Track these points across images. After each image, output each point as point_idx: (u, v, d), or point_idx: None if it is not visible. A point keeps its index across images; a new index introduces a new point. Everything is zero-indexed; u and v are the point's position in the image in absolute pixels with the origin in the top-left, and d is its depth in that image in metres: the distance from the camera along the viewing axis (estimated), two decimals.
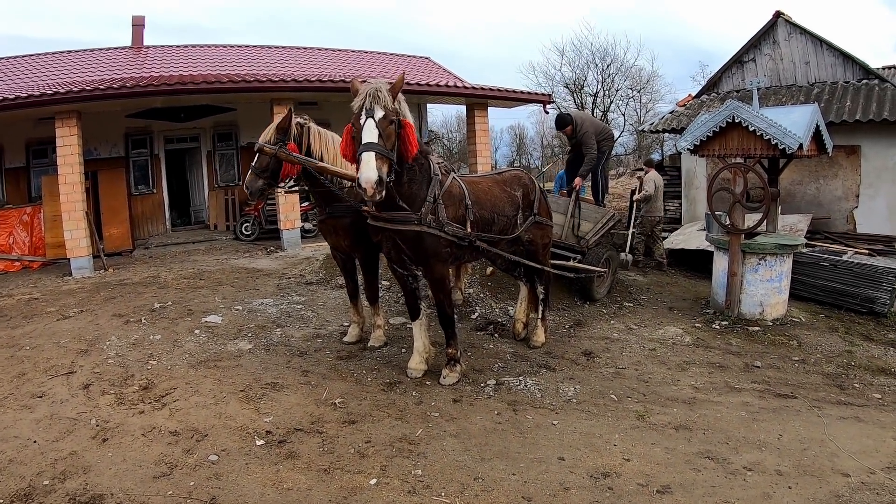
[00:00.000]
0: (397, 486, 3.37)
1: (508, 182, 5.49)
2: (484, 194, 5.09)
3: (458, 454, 3.74)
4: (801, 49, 11.03)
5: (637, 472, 3.55)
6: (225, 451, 3.75)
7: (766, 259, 6.71)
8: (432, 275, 4.74)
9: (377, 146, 3.88)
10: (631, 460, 3.70)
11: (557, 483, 3.41)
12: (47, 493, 3.28)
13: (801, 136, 6.07)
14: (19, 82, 11.65)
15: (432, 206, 4.46)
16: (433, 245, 4.52)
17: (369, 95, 3.96)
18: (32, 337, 6.04)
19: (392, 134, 4.03)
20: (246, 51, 15.78)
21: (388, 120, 3.98)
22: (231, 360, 5.36)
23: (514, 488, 3.35)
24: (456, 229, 4.60)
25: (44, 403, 4.46)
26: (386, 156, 3.94)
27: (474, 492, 3.31)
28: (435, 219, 4.47)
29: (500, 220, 5.16)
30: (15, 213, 10.54)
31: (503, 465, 3.62)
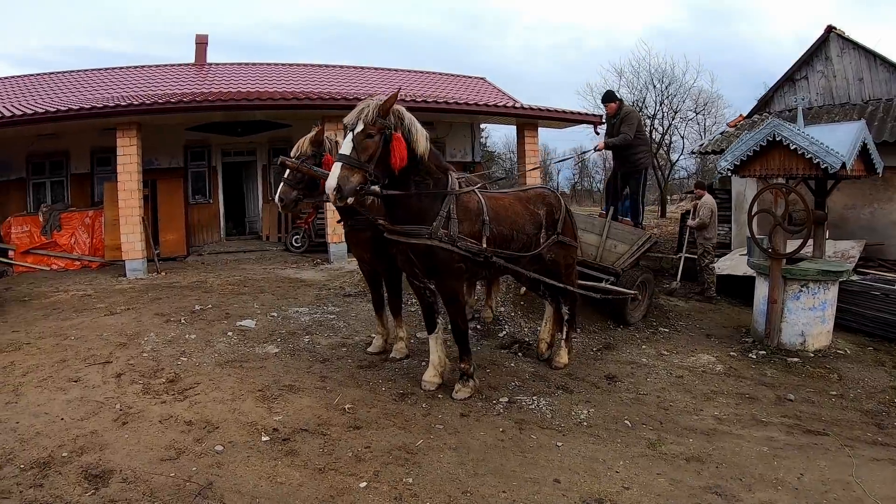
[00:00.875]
0: (385, 491, 3.42)
1: (532, 200, 5.47)
2: (504, 210, 5.07)
3: (453, 467, 3.75)
4: (854, 65, 10.52)
5: (633, 502, 3.44)
6: (231, 444, 3.94)
7: (809, 286, 6.37)
8: (443, 289, 4.80)
9: (347, 157, 4.03)
10: (630, 489, 3.58)
11: None
12: (64, 464, 3.57)
13: (843, 154, 5.79)
14: (87, 94, 12.62)
15: (445, 220, 4.51)
16: (444, 259, 4.55)
17: (357, 111, 4.13)
18: (79, 329, 6.53)
19: (370, 147, 4.11)
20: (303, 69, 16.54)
21: (365, 133, 4.09)
22: (256, 361, 5.61)
23: (431, 492, 3.37)
24: (469, 244, 4.61)
25: (77, 387, 4.83)
26: (356, 166, 4.04)
27: (414, 494, 3.35)
28: (447, 233, 4.50)
29: (519, 237, 5.12)
30: (78, 215, 11.40)
31: (495, 481, 3.59)
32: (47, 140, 11.91)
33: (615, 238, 7.18)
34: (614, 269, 6.97)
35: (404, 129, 4.30)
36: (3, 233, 11.26)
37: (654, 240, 7.46)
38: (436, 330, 5.07)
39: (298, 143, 5.25)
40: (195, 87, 13.71)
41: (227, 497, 3.31)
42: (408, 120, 4.37)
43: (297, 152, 5.15)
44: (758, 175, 6.72)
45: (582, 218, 7.44)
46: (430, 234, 4.45)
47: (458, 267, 4.67)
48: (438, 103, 12.35)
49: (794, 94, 10.94)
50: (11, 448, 3.77)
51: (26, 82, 14.40)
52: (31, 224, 11.27)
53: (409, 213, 4.51)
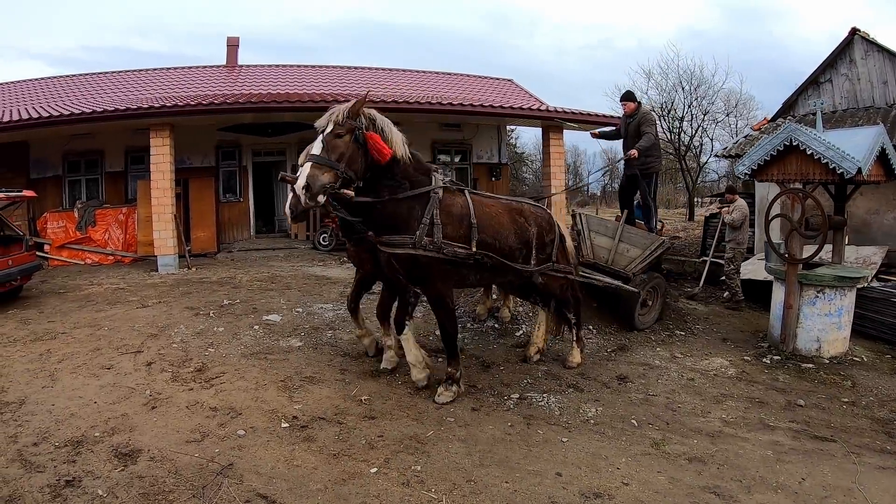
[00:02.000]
0: (394, 477, 3.60)
1: (524, 214, 5.36)
2: (488, 218, 4.97)
3: (460, 457, 3.91)
4: (878, 68, 10.29)
5: (631, 498, 3.52)
6: (252, 429, 4.17)
7: (825, 292, 6.34)
8: (429, 293, 4.80)
9: (316, 156, 4.09)
10: (630, 485, 3.67)
11: (546, 496, 3.47)
12: (95, 443, 3.87)
13: (859, 159, 5.76)
14: (122, 95, 13.09)
15: (429, 227, 4.47)
16: (427, 265, 4.53)
17: (328, 114, 4.22)
18: (112, 320, 6.87)
19: (341, 146, 4.13)
20: (332, 70, 16.87)
21: (334, 133, 4.13)
22: (280, 354, 5.85)
23: (502, 495, 3.46)
24: (457, 249, 4.57)
25: (110, 374, 5.15)
26: (327, 165, 4.07)
27: (463, 493, 3.47)
28: (431, 241, 4.46)
29: (502, 248, 4.99)
30: (112, 212, 11.88)
31: (499, 472, 3.73)
32: (82, 139, 12.43)
33: (628, 242, 7.17)
34: (625, 273, 6.96)
35: (377, 129, 4.33)
36: (40, 228, 11.79)
37: (667, 245, 7.37)
38: (405, 331, 5.01)
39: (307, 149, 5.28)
40: (226, 88, 14.12)
41: (246, 477, 3.53)
42: (380, 121, 4.40)
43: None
44: (775, 179, 6.68)
45: (595, 221, 7.51)
46: (414, 243, 4.42)
47: (443, 270, 4.65)
48: (464, 106, 12.50)
49: (818, 97, 10.78)
50: (47, 427, 4.09)
51: (62, 83, 15.06)
52: (67, 220, 11.78)
53: (387, 219, 4.49)
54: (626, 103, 7.68)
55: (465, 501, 3.40)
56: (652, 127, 7.42)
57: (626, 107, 7.67)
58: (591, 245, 7.22)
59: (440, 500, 3.39)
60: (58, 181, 13.13)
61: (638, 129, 7.43)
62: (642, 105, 7.67)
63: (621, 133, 7.90)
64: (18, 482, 3.38)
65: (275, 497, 3.34)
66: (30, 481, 3.39)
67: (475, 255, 4.68)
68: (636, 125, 7.48)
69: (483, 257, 4.74)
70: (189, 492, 3.35)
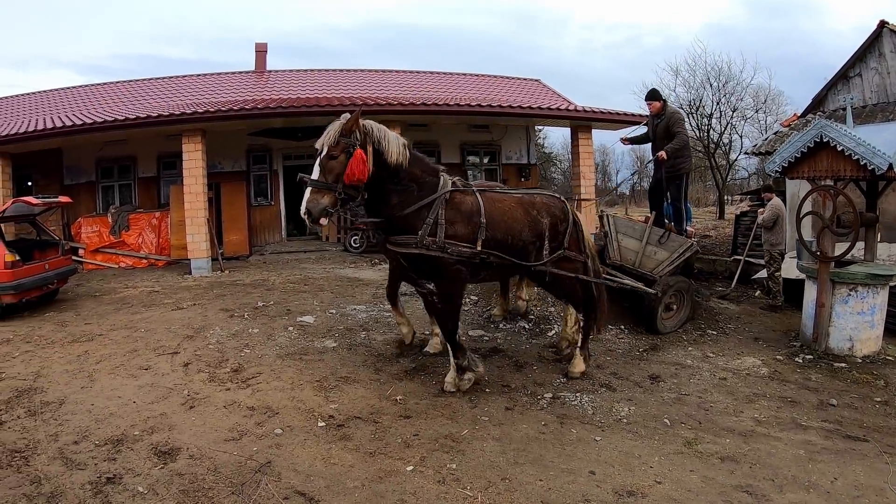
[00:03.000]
0: (430, 475, 3.63)
1: (536, 206, 5.29)
2: (500, 214, 4.95)
3: (495, 456, 3.92)
4: None
5: (664, 496, 3.50)
6: (290, 428, 4.23)
7: (858, 290, 6.20)
8: (439, 289, 4.93)
9: (314, 181, 4.29)
10: (662, 483, 3.65)
11: (580, 494, 3.47)
12: (135, 442, 3.97)
13: (891, 155, 5.62)
14: (153, 102, 13.33)
15: (432, 227, 4.56)
16: (436, 263, 4.63)
17: (324, 135, 4.34)
18: (148, 322, 7.01)
19: (335, 167, 4.28)
20: (362, 74, 16.99)
21: (328, 155, 4.29)
22: (315, 354, 5.94)
23: (537, 492, 3.47)
24: (461, 248, 4.63)
25: (148, 374, 5.27)
26: (324, 188, 4.27)
27: (498, 490, 3.48)
28: (434, 240, 4.54)
29: (514, 244, 5.00)
30: (145, 216, 12.15)
31: (533, 470, 3.74)
32: (115, 146, 12.74)
33: (655, 244, 7.04)
34: (652, 276, 6.82)
35: (374, 141, 4.43)
36: (74, 233, 12.09)
37: (696, 248, 7.19)
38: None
39: None
40: (256, 93, 14.30)
41: (283, 474, 3.57)
42: (376, 132, 4.48)
43: None
44: (806, 176, 6.60)
45: (623, 223, 7.40)
46: (417, 242, 4.53)
47: (455, 269, 4.71)
48: (492, 107, 12.52)
49: (847, 91, 10.51)
50: (87, 426, 4.21)
51: (94, 91, 15.50)
52: (101, 224, 12.08)
53: (396, 222, 4.61)
54: (652, 103, 7.49)
55: (500, 499, 3.40)
56: (682, 126, 7.27)
57: (652, 106, 7.50)
58: (619, 247, 7.12)
59: (475, 497, 3.41)
60: (91, 187, 13.52)
61: (667, 129, 7.29)
62: (668, 104, 7.51)
63: (649, 135, 7.76)
64: (60, 479, 3.47)
65: (313, 494, 3.37)
66: (71, 478, 3.48)
67: (480, 254, 4.72)
68: (665, 126, 7.33)
69: (489, 256, 4.78)
70: (228, 489, 3.39)
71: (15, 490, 3.33)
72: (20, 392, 4.81)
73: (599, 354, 6.11)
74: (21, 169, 12.47)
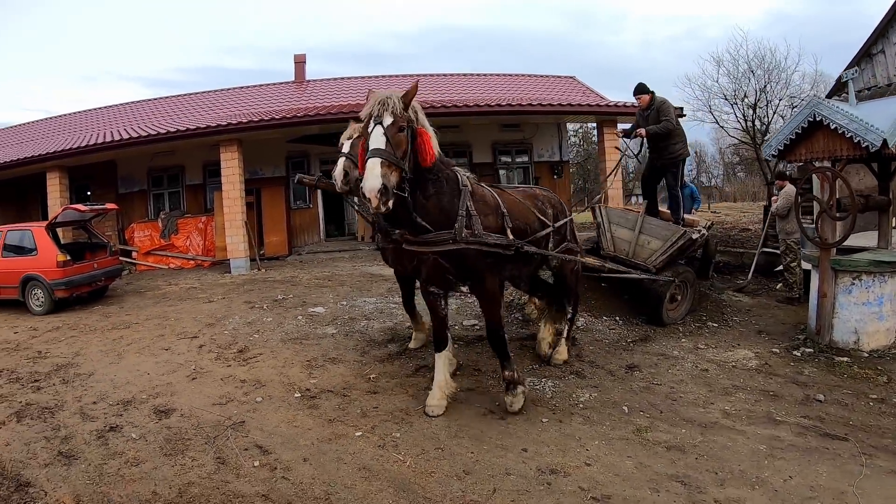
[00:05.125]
0: (374, 440, 4.15)
1: (539, 198, 5.41)
2: (515, 205, 4.93)
3: (439, 429, 4.34)
4: None
5: (587, 478, 3.66)
6: (269, 397, 4.96)
7: (862, 278, 5.93)
8: (483, 289, 4.55)
9: (384, 152, 3.68)
10: (591, 466, 3.81)
11: (503, 467, 3.78)
12: (141, 403, 4.85)
13: (884, 130, 5.37)
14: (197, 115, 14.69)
15: (466, 219, 4.23)
16: (477, 257, 4.32)
17: (378, 103, 3.83)
18: (179, 313, 8.08)
19: (403, 142, 3.82)
20: (394, 80, 17.86)
21: (397, 126, 3.80)
22: (314, 339, 6.66)
23: (463, 462, 3.85)
24: (497, 239, 4.41)
25: (166, 354, 6.23)
26: (395, 163, 3.72)
27: (428, 457, 3.91)
28: (471, 232, 4.25)
29: (531, 232, 5.01)
30: (192, 221, 13.46)
31: (469, 444, 4.11)
32: (165, 156, 14.20)
33: (648, 233, 7.02)
34: (645, 266, 6.85)
35: (422, 124, 4.11)
36: (128, 237, 13.59)
37: (689, 235, 6.93)
38: (445, 347, 4.79)
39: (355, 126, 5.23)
40: (293, 103, 15.43)
41: (251, 432, 4.29)
42: (422, 115, 4.16)
43: (354, 135, 5.17)
44: (804, 159, 6.36)
45: (616, 213, 7.47)
46: (454, 237, 4.16)
47: (492, 263, 4.49)
48: (512, 105, 12.95)
49: (872, 70, 10.01)
50: (106, 391, 5.16)
51: (146, 106, 17.25)
52: (152, 229, 13.49)
53: (431, 216, 4.19)
54: (641, 96, 7.51)
55: (427, 465, 3.84)
56: (670, 114, 7.27)
57: (641, 100, 7.53)
58: (612, 237, 7.22)
59: (405, 461, 3.88)
60: (143, 195, 15.14)
61: (657, 119, 7.32)
62: (656, 96, 7.52)
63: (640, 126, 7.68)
64: (74, 428, 4.41)
65: (268, 447, 4.04)
66: (83, 427, 4.40)
67: (515, 244, 4.55)
68: (655, 116, 7.36)
69: (522, 246, 4.63)
70: (203, 440, 4.17)
71: (38, 434, 4.30)
72: (59, 367, 5.89)
73: (585, 344, 6.30)
74: (80, 180, 14.29)
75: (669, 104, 7.44)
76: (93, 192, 14.43)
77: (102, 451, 4.05)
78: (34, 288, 8.76)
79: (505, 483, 3.62)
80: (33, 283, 8.74)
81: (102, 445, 4.13)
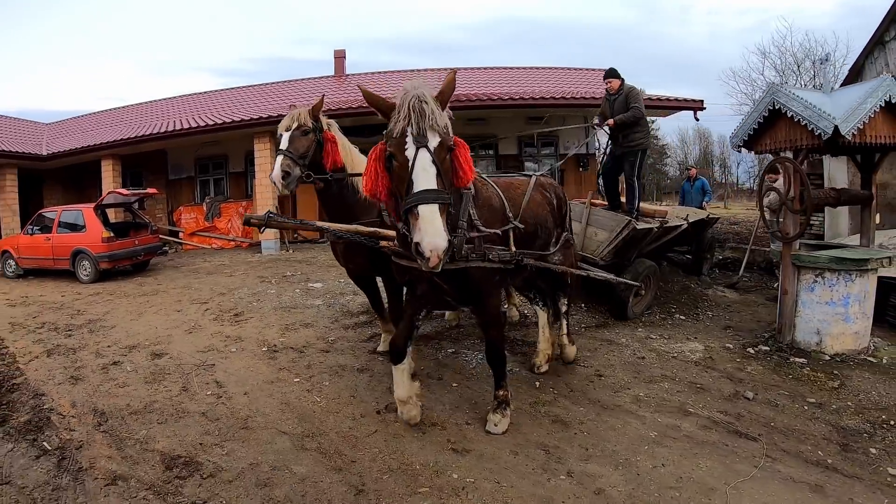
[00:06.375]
0: (305, 386, 5.17)
1: (546, 187, 4.99)
2: (529, 204, 4.46)
3: (359, 382, 5.21)
4: None
5: (459, 434, 4.23)
6: (241, 349, 6.20)
7: (825, 276, 5.70)
8: (485, 310, 4.09)
9: (441, 195, 2.99)
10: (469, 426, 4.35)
11: (374, 403, 4.75)
12: (143, 348, 6.30)
13: (837, 116, 5.17)
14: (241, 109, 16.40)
15: (465, 230, 3.60)
16: (482, 277, 3.83)
17: (414, 111, 3.04)
18: (202, 283, 9.70)
19: (449, 167, 3.18)
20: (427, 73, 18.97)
21: (445, 148, 3.11)
22: (301, 309, 7.86)
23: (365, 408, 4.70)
24: (500, 253, 3.89)
25: (177, 314, 7.74)
26: (448, 203, 3.07)
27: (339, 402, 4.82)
28: (474, 248, 3.70)
29: (542, 234, 4.61)
30: (234, 205, 15.20)
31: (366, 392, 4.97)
32: (210, 146, 16.01)
33: (595, 225, 7.01)
34: (592, 259, 6.82)
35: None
36: (175, 219, 15.49)
37: (633, 226, 6.81)
38: (403, 360, 4.23)
39: (293, 114, 4.86)
40: (330, 97, 16.80)
41: (216, 373, 5.51)
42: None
43: (296, 122, 4.79)
44: (768, 149, 6.16)
45: None
46: (454, 253, 3.43)
47: (498, 281, 4.09)
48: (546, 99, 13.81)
49: (885, 58, 9.56)
50: (119, 338, 6.68)
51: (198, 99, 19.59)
52: (197, 212, 15.31)
53: None
54: (611, 80, 7.51)
55: (335, 406, 4.72)
56: (640, 101, 7.29)
57: (611, 84, 7.53)
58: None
59: (320, 402, 4.84)
60: (191, 181, 17.24)
61: (625, 105, 7.35)
62: (626, 83, 7.53)
63: (606, 112, 7.69)
64: (87, 362, 5.94)
65: (223, 383, 5.23)
66: (94, 362, 5.89)
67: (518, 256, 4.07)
68: (623, 100, 7.40)
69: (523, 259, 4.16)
70: (178, 374, 5.47)
71: (60, 365, 5.87)
72: (90, 321, 7.55)
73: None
74: (133, 167, 16.56)
75: (639, 92, 7.49)
76: (145, 178, 16.59)
77: (102, 377, 5.48)
78: (82, 260, 10.69)
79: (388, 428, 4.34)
80: (81, 256, 10.68)
81: (103, 374, 5.56)
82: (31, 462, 3.94)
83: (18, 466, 3.88)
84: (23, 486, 3.64)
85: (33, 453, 4.06)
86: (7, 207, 15.35)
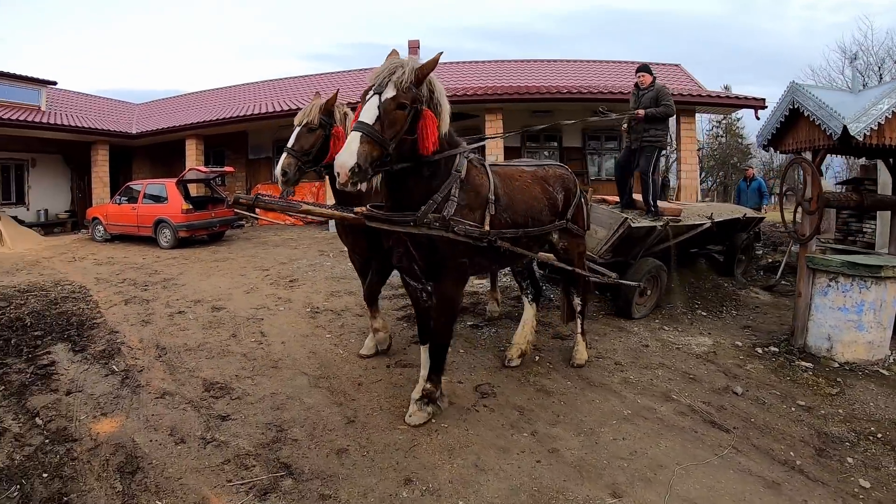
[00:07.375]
0: (333, 340, 6.11)
1: (551, 180, 4.98)
2: (520, 193, 4.55)
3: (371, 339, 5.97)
4: None
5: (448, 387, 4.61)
6: (289, 308, 7.30)
7: (839, 281, 5.58)
8: (440, 291, 4.13)
9: (370, 127, 3.36)
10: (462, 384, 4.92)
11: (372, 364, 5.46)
12: (206, 303, 7.62)
13: (846, 116, 5.15)
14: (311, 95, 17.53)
15: (439, 204, 3.86)
16: (448, 253, 3.95)
17: (386, 70, 3.49)
18: (266, 254, 11.03)
19: (399, 120, 3.46)
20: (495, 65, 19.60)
21: (397, 102, 3.44)
22: (349, 280, 8.87)
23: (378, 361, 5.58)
24: (469, 228, 3.96)
25: (241, 278, 9.05)
26: (378, 142, 3.37)
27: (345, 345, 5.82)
28: (438, 217, 3.84)
29: (533, 226, 4.60)
30: (307, 185, 16.50)
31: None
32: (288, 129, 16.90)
33: (595, 222, 6.85)
34: (592, 257, 6.70)
35: (434, 103, 3.70)
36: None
37: (628, 224, 6.78)
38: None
39: (306, 109, 5.07)
40: None
41: (263, 325, 6.63)
42: (438, 92, 3.72)
43: (305, 119, 5.00)
44: (791, 149, 6.15)
45: None
46: (416, 219, 3.78)
47: (462, 263, 4.11)
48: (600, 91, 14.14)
49: None
50: (187, 294, 8.05)
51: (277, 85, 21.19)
52: (273, 190, 16.69)
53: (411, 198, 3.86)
54: (644, 75, 7.63)
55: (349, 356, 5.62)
56: (671, 100, 7.40)
57: (643, 78, 7.64)
58: None
59: (342, 354, 5.74)
60: (269, 161, 18.98)
61: (654, 101, 7.37)
62: (662, 84, 7.65)
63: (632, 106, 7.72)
64: (158, 310, 7.33)
65: (267, 333, 6.34)
66: (163, 311, 7.24)
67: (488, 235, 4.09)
68: (653, 97, 7.46)
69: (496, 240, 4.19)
70: (231, 325, 6.61)
71: (134, 311, 7.34)
72: (164, 279, 9.03)
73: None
74: (217, 146, 18.50)
75: (669, 91, 7.64)
76: (227, 157, 18.29)
77: (167, 322, 6.79)
78: (163, 228, 12.22)
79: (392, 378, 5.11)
80: (163, 225, 12.20)
81: (169, 319, 6.86)
82: (100, 378, 5.20)
83: (90, 381, 5.13)
84: (91, 393, 4.86)
85: (104, 373, 5.33)
86: (99, 179, 17.81)
